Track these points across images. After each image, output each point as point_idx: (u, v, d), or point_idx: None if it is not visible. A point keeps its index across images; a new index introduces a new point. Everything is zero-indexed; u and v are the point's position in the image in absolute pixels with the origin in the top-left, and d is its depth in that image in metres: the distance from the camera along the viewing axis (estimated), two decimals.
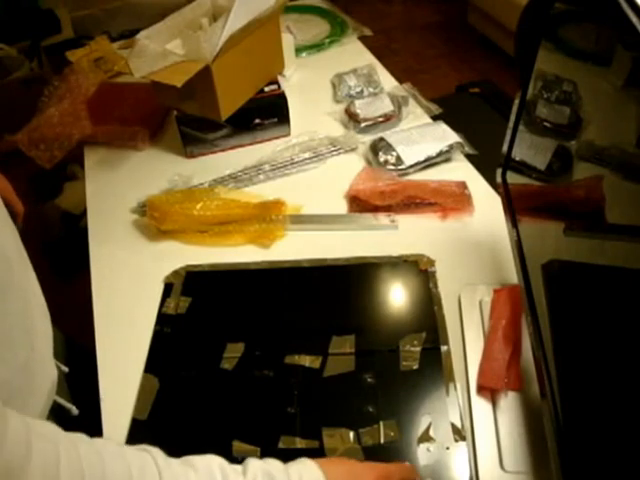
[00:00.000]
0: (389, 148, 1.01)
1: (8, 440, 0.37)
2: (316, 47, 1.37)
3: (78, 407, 0.71)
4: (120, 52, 1.32)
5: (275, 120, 1.09)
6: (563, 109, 0.66)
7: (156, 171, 1.06)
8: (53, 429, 0.43)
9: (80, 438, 0.43)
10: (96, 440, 0.45)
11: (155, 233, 0.93)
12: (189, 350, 0.76)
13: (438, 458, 0.63)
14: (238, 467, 0.50)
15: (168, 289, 0.84)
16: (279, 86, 1.08)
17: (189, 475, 0.46)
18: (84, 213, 1.02)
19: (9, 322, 0.56)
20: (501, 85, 1.83)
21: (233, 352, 0.75)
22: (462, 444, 0.64)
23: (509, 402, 0.67)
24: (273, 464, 0.51)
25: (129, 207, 0.99)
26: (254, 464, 0.50)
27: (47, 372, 0.65)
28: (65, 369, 0.72)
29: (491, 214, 0.88)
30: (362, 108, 1.11)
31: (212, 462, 0.48)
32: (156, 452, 0.46)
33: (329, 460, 0.57)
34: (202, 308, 0.81)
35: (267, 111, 1.08)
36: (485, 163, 0.99)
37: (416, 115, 1.14)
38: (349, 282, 0.83)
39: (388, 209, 0.93)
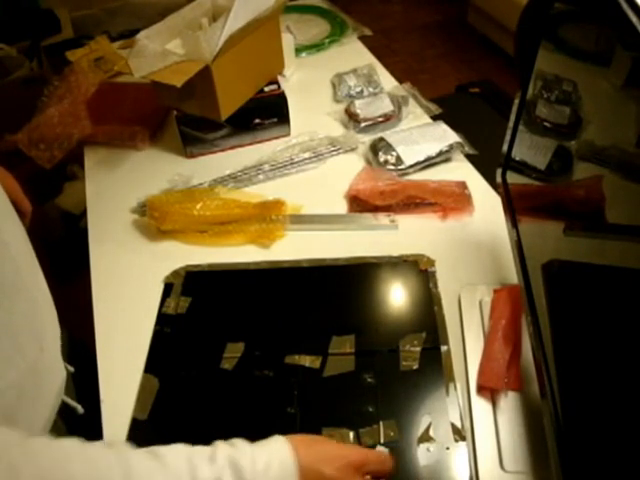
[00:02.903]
0: (389, 148, 1.01)
1: None
2: (316, 47, 1.37)
3: (82, 406, 0.71)
4: (120, 52, 1.32)
5: (275, 120, 1.09)
6: (563, 109, 0.66)
7: (156, 171, 1.06)
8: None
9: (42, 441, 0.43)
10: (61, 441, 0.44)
11: (155, 233, 0.93)
12: (189, 350, 0.76)
13: (438, 458, 0.63)
14: (205, 452, 0.47)
15: (168, 289, 0.84)
16: (279, 86, 1.08)
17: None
18: (84, 213, 1.01)
19: (18, 324, 0.55)
20: (501, 85, 1.83)
21: (233, 352, 0.75)
22: (462, 444, 0.64)
23: (509, 402, 0.67)
24: (241, 448, 0.48)
25: (129, 207, 0.99)
26: (222, 451, 0.47)
27: (56, 373, 0.64)
28: (71, 369, 0.72)
29: (491, 214, 0.88)
30: (362, 108, 1.11)
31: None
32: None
33: (302, 439, 0.52)
34: (202, 308, 0.81)
35: (267, 111, 1.08)
36: (485, 163, 0.99)
37: (416, 115, 1.14)
38: (349, 282, 0.83)
39: (388, 209, 0.93)
